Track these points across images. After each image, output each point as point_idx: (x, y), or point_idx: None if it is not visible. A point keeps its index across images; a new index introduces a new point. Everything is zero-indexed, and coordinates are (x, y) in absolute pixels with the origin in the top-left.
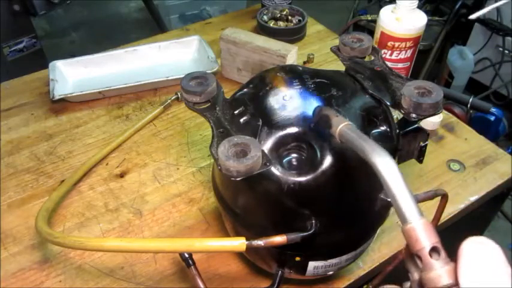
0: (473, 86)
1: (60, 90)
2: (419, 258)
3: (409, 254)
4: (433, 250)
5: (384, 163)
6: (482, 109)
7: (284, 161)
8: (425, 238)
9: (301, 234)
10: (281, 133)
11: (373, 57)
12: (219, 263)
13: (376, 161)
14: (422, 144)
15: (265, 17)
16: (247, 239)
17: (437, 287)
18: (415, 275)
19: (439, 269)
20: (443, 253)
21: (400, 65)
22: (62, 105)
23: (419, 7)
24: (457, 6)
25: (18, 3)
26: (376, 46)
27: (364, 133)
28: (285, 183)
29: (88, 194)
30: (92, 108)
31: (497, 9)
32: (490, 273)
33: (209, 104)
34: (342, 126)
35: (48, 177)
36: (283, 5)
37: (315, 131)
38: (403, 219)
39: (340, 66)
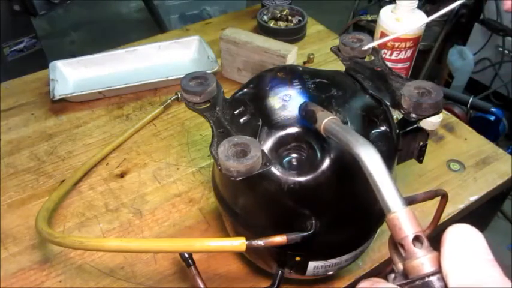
0: (473, 86)
1: (60, 90)
2: (403, 247)
3: (394, 244)
4: (416, 239)
5: (366, 153)
6: (482, 109)
7: (284, 161)
8: (409, 227)
9: (301, 234)
10: (281, 133)
11: (373, 57)
12: (219, 263)
13: (359, 151)
14: (422, 144)
15: (265, 17)
16: (247, 239)
17: (420, 275)
18: (400, 266)
19: (422, 257)
20: (426, 242)
21: (400, 65)
22: (62, 105)
23: (419, 7)
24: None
25: (19, 3)
26: (376, 46)
27: (364, 133)
28: (285, 183)
29: (88, 194)
30: (92, 108)
31: (497, 9)
32: (472, 260)
33: (209, 104)
34: (327, 120)
35: (48, 177)
36: (283, 5)
37: (314, 131)
38: (387, 209)
39: (340, 66)
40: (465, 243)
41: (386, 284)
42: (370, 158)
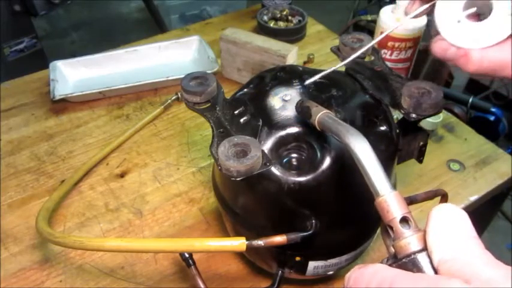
0: (473, 86)
1: (60, 90)
2: (391, 228)
3: (384, 228)
4: (404, 220)
5: (356, 142)
6: (482, 109)
7: (284, 161)
8: (396, 209)
9: (301, 234)
10: (281, 133)
11: (373, 57)
12: (219, 263)
13: (349, 140)
14: (422, 144)
15: (265, 17)
16: (247, 239)
17: (406, 253)
18: (391, 249)
19: (408, 237)
20: (413, 222)
21: (400, 65)
22: (62, 105)
23: None
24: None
25: (19, 3)
26: (376, 46)
27: (364, 133)
28: (285, 183)
29: (88, 194)
30: (93, 108)
31: None
32: (455, 237)
33: (209, 104)
34: (320, 114)
35: (48, 177)
36: (283, 5)
37: (315, 130)
38: (375, 193)
39: None
40: (449, 222)
41: (374, 265)
42: (359, 145)
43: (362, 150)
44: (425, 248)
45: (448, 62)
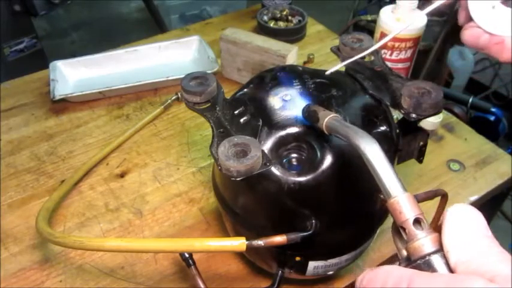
0: (473, 86)
1: (60, 90)
2: (404, 230)
3: (396, 230)
4: (417, 221)
5: (366, 144)
6: (482, 109)
7: (284, 161)
8: (409, 210)
9: (301, 234)
10: (281, 133)
11: (373, 57)
12: (219, 263)
13: (359, 143)
14: (422, 144)
15: (265, 17)
16: (247, 239)
17: (421, 255)
18: (403, 252)
19: (422, 238)
20: (426, 224)
21: (400, 65)
22: (62, 105)
23: (419, 7)
24: (456, 7)
25: (19, 3)
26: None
27: None
28: (285, 183)
29: (88, 193)
30: (93, 108)
31: None
32: (472, 237)
33: (209, 104)
34: (328, 118)
35: (48, 177)
36: (283, 5)
37: (315, 130)
38: (387, 194)
39: None
40: (465, 222)
41: (388, 266)
42: (369, 147)
43: (372, 152)
44: (439, 249)
45: (480, 51)
